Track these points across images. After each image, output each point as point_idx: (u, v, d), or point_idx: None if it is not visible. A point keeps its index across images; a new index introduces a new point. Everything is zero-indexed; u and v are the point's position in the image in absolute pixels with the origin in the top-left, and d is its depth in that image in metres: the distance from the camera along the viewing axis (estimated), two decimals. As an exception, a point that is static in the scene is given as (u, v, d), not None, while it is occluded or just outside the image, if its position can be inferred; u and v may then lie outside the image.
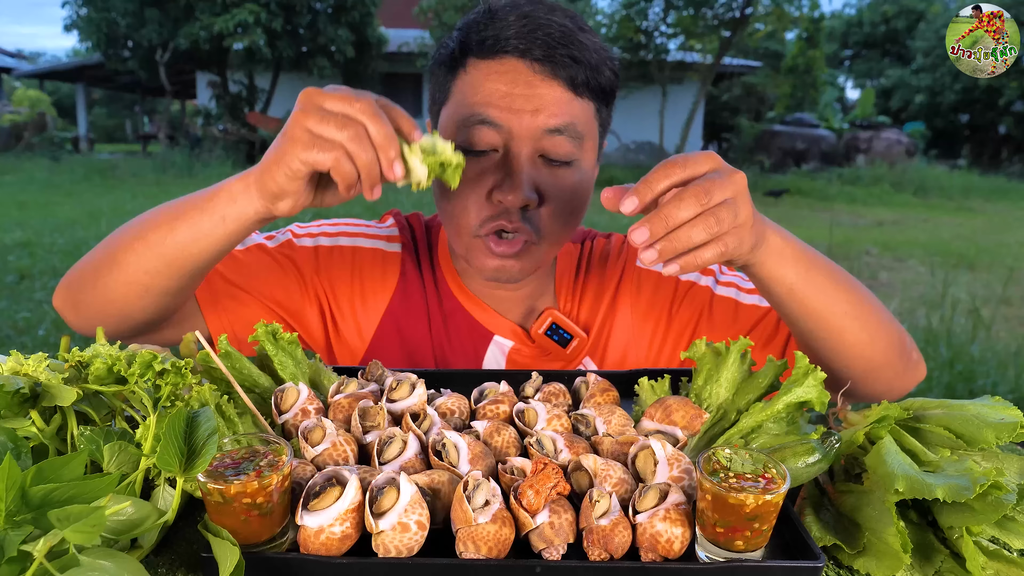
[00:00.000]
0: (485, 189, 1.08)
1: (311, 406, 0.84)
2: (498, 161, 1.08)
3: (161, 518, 0.66)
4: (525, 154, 1.07)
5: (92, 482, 0.57)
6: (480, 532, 0.65)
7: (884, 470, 0.71)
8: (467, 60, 1.10)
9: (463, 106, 1.09)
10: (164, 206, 1.01)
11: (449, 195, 1.11)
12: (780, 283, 0.96)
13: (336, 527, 0.65)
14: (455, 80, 1.12)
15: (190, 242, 0.96)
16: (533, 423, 0.85)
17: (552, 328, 1.24)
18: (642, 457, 0.76)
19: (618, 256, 1.34)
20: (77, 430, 0.72)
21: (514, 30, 1.06)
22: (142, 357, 0.72)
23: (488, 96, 1.06)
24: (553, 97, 1.06)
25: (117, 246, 1.02)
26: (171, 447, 0.64)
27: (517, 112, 1.05)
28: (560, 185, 1.10)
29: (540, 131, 1.06)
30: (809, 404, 0.82)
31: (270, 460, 0.66)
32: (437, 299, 1.28)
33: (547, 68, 1.06)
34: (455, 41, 1.12)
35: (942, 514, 0.71)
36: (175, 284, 1.01)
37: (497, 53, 1.07)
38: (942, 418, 0.82)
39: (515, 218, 1.08)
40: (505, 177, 1.06)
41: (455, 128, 1.09)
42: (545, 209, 1.10)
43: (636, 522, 0.67)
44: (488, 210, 1.09)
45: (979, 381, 4.20)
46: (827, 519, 0.76)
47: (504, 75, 1.06)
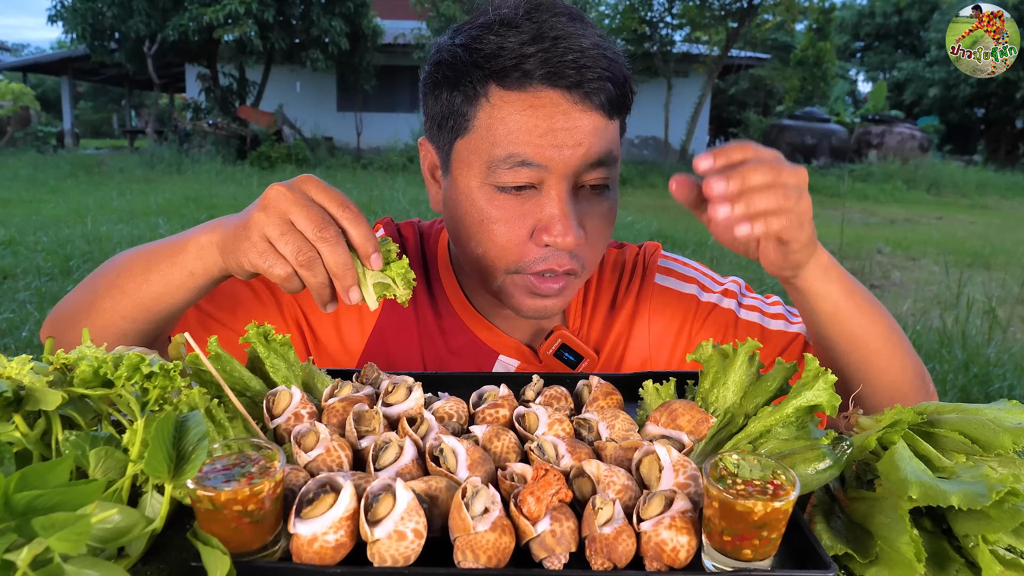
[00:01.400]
0: (527, 228, 1.05)
1: (304, 410, 0.84)
2: (540, 198, 1.05)
3: (149, 526, 0.65)
4: (566, 189, 1.04)
5: (77, 489, 0.57)
6: (479, 540, 0.65)
7: (897, 476, 0.71)
8: (488, 87, 1.04)
9: (494, 143, 1.04)
10: (140, 252, 1.06)
11: (482, 237, 1.08)
12: (826, 300, 0.97)
13: (330, 535, 0.64)
14: (476, 111, 1.05)
15: (163, 293, 1.01)
16: (534, 428, 0.85)
17: (561, 349, 1.22)
18: (646, 463, 0.75)
19: (633, 269, 1.31)
20: (62, 435, 0.72)
21: (537, 55, 1.00)
22: (129, 360, 0.72)
23: (527, 135, 1.02)
24: (592, 127, 1.03)
25: (96, 292, 1.07)
26: (159, 452, 0.64)
27: (559, 148, 1.02)
28: (599, 213, 1.09)
29: (583, 165, 1.04)
30: (820, 408, 0.82)
31: (262, 466, 0.66)
32: (434, 316, 1.25)
33: (581, 95, 1.02)
34: (467, 65, 1.05)
35: (957, 522, 0.71)
36: (152, 328, 1.05)
37: (524, 85, 1.02)
38: (957, 422, 0.82)
39: (565, 259, 1.06)
40: (552, 219, 1.04)
41: (485, 168, 1.05)
42: (589, 244, 1.08)
43: (640, 530, 0.67)
44: (534, 252, 1.06)
45: (995, 384, 4.20)
46: (838, 527, 0.76)
47: (539, 110, 1.02)
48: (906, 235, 10.40)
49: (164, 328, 1.08)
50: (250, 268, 0.90)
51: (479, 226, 1.08)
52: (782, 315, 1.26)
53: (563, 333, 1.23)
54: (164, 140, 18.12)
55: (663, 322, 1.26)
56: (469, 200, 1.08)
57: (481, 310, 1.25)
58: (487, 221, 1.07)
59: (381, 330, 1.23)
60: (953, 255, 8.71)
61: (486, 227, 1.07)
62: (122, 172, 14.43)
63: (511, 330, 1.25)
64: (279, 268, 0.87)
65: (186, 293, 1.01)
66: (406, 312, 1.24)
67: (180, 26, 16.48)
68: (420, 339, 1.24)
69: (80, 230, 7.79)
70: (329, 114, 21.55)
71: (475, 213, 1.08)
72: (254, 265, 0.89)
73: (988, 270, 8.03)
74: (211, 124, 17.89)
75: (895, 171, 17.90)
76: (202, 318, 1.18)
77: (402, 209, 10.23)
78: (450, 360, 1.23)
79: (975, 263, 8.35)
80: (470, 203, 1.08)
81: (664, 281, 1.30)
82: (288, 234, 0.85)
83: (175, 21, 16.54)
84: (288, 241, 0.85)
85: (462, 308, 1.25)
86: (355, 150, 19.64)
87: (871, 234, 10.32)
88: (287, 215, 0.86)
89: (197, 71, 20.03)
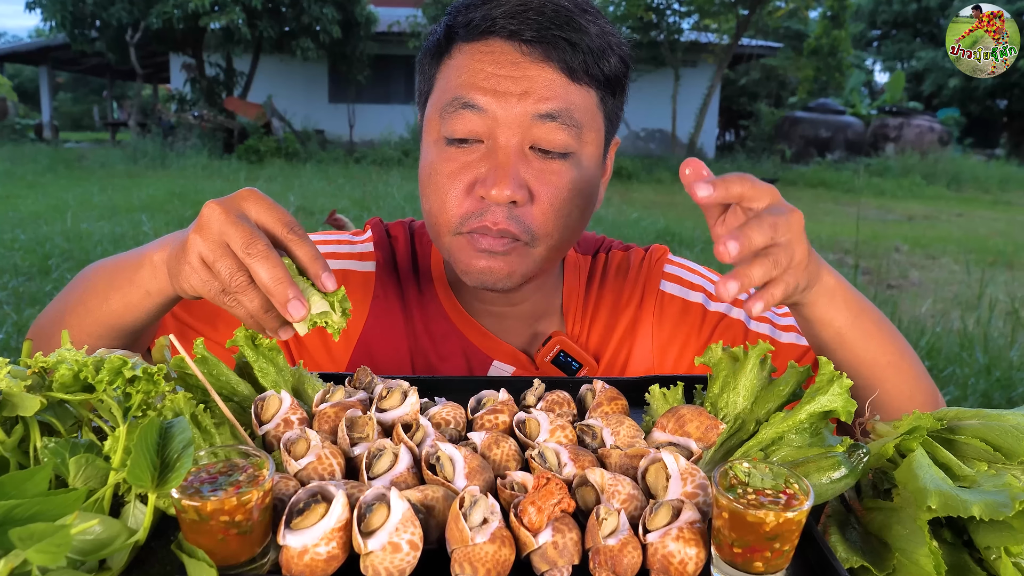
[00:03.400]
0: (467, 183, 1.06)
1: (294, 416, 0.84)
2: (483, 153, 1.06)
3: (132, 537, 0.66)
4: (513, 145, 1.05)
5: (57, 498, 0.57)
6: (478, 553, 0.65)
7: (915, 485, 0.71)
8: (453, 46, 1.10)
9: (445, 91, 1.08)
10: (105, 266, 1.06)
11: (429, 191, 1.10)
12: (829, 326, 0.97)
13: (321, 547, 0.65)
14: (440, 67, 1.12)
15: (122, 312, 1.01)
16: (535, 434, 0.85)
17: (559, 356, 1.21)
18: (653, 471, 0.76)
19: (639, 273, 1.30)
20: (40, 442, 0.72)
21: (504, 10, 1.05)
22: (111, 363, 0.72)
23: (471, 77, 1.05)
24: (544, 79, 1.04)
25: (66, 306, 1.08)
26: (142, 460, 0.64)
27: (503, 95, 1.03)
28: (555, 180, 1.07)
29: (529, 117, 1.04)
30: (834, 414, 0.82)
31: (250, 474, 0.66)
32: (423, 321, 1.24)
33: (538, 50, 1.04)
34: (442, 26, 1.12)
35: (978, 533, 0.71)
36: (118, 343, 1.06)
37: (484, 35, 1.06)
38: (978, 429, 0.82)
39: (500, 216, 1.05)
40: (490, 170, 1.04)
41: (438, 117, 1.08)
42: (537, 207, 1.07)
43: (647, 542, 0.67)
44: (470, 205, 1.07)
45: (1019, 388, 4.20)
46: (853, 539, 0.76)
47: (489, 55, 1.05)
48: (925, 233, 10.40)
49: (133, 344, 1.08)
50: (194, 294, 0.89)
51: (428, 180, 1.11)
52: (793, 327, 1.26)
53: (561, 339, 1.22)
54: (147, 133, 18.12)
55: (668, 331, 1.26)
56: (426, 155, 1.13)
57: (475, 314, 1.24)
58: (434, 174, 1.10)
59: (368, 336, 1.23)
60: (974, 254, 8.71)
61: (433, 181, 1.10)
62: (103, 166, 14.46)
63: (506, 334, 1.24)
64: (224, 297, 0.85)
65: (144, 313, 1.01)
66: (395, 317, 1.24)
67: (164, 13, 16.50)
68: (409, 344, 1.24)
69: (59, 227, 7.79)
70: (320, 106, 21.57)
71: (427, 167, 1.11)
72: (197, 292, 0.87)
73: (1011, 269, 8.04)
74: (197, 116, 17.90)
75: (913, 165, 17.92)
76: (180, 328, 1.19)
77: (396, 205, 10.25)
78: (440, 366, 1.23)
79: (997, 262, 8.35)
80: (425, 157, 1.13)
81: (670, 288, 1.29)
82: (223, 258, 0.83)
83: (159, 8, 16.56)
84: (223, 266, 0.83)
85: (455, 312, 1.24)
86: (348, 143, 19.66)
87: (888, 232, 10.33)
88: (221, 235, 0.83)
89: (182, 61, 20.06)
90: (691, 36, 20.86)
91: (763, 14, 20.63)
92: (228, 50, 18.50)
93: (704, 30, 21.08)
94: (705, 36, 21.04)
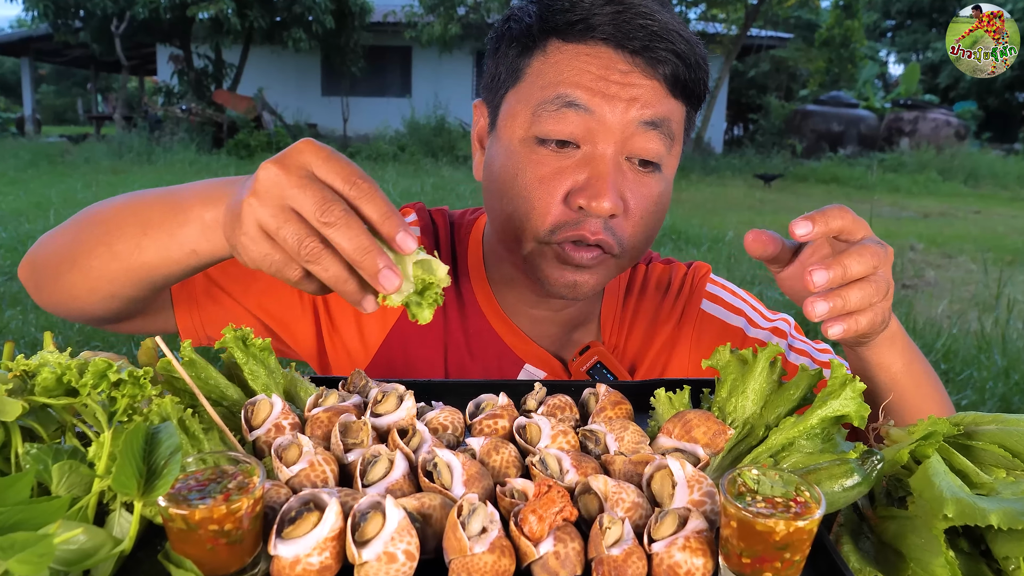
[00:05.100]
0: (562, 190, 1.06)
1: (286, 421, 0.84)
2: (579, 159, 1.06)
3: (117, 547, 0.66)
4: (611, 154, 1.05)
5: (39, 506, 0.57)
6: (476, 563, 0.65)
7: (931, 493, 0.71)
8: (548, 40, 1.08)
9: (543, 87, 1.06)
10: (132, 206, 0.98)
11: (512, 193, 1.08)
12: (886, 371, 0.99)
13: (314, 557, 0.65)
14: (530, 60, 1.09)
15: (158, 264, 0.95)
16: (536, 440, 0.85)
17: (596, 367, 1.22)
18: (658, 478, 0.76)
19: (680, 290, 1.32)
20: (22, 448, 0.72)
21: (607, 16, 1.04)
22: (95, 366, 0.72)
23: (577, 77, 1.04)
24: (650, 88, 1.05)
25: (81, 245, 1.00)
26: (128, 467, 0.64)
27: (611, 99, 1.03)
28: (646, 193, 1.09)
29: (634, 123, 1.04)
30: (847, 418, 0.82)
31: (240, 482, 0.66)
32: (460, 316, 1.24)
33: (644, 62, 1.04)
34: (533, 17, 1.10)
35: (996, 542, 0.71)
36: (142, 294, 1.01)
37: (585, 36, 1.05)
38: (996, 434, 0.82)
39: (598, 227, 1.06)
40: (590, 179, 1.04)
41: (530, 115, 1.07)
42: (629, 220, 1.08)
43: (652, 552, 0.67)
44: (566, 215, 1.06)
45: (1038, 392, 4.20)
46: (867, 548, 0.76)
47: (596, 59, 1.05)
48: (941, 230, 10.40)
49: (156, 296, 1.04)
50: (254, 267, 0.80)
51: (513, 181, 1.08)
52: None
53: (600, 350, 1.22)
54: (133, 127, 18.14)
55: (705, 351, 1.27)
56: (508, 153, 1.10)
57: (511, 314, 1.24)
58: (521, 176, 1.07)
59: (403, 325, 1.23)
60: (992, 252, 8.71)
61: (520, 183, 1.08)
62: (87, 162, 14.44)
63: (541, 338, 1.24)
64: (289, 271, 0.76)
65: (184, 269, 0.95)
66: None
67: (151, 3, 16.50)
68: (444, 338, 1.23)
69: (42, 225, 7.79)
70: (313, 99, 21.57)
71: (512, 167, 1.09)
72: (257, 265, 0.79)
73: (1030, 269, 8.03)
74: (184, 110, 17.91)
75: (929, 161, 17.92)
76: (209, 287, 1.16)
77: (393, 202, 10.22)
78: (470, 366, 1.23)
79: (1016, 261, 8.35)
80: (508, 156, 1.10)
81: (711, 309, 1.31)
82: (288, 224, 0.74)
83: (145, -3, 16.54)
84: (289, 233, 0.74)
85: (491, 310, 1.24)
86: (341, 138, 19.66)
87: (903, 229, 10.33)
88: (283, 199, 0.75)
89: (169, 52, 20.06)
90: (698, 26, 20.84)
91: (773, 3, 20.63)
92: (217, 41, 18.50)
93: (711, 20, 21.08)
94: (712, 26, 21.03)
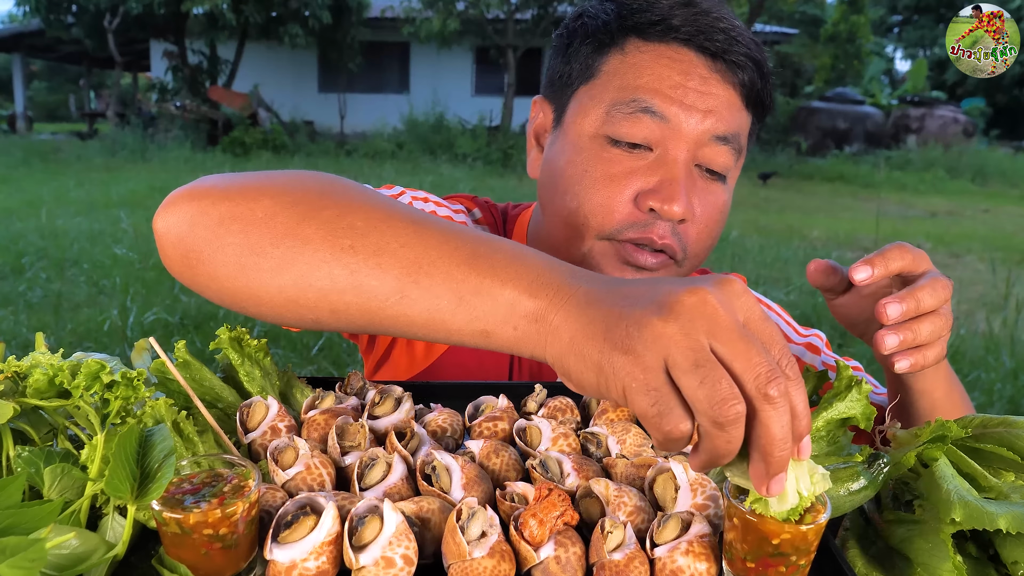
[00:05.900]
0: (632, 190, 1.06)
1: (282, 423, 0.84)
2: (652, 162, 1.06)
3: (110, 552, 0.65)
4: (683, 160, 1.06)
5: (31, 510, 0.57)
6: (475, 568, 0.65)
7: (939, 497, 0.71)
8: (627, 39, 1.08)
9: (620, 89, 1.06)
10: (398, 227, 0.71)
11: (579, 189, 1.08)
12: (929, 397, 1.01)
13: (311, 562, 0.65)
14: (606, 58, 1.09)
15: (421, 324, 0.70)
16: (536, 443, 0.85)
17: None
18: (661, 482, 0.76)
19: None
20: (14, 451, 0.72)
21: (685, 16, 1.05)
22: (88, 367, 0.72)
23: (656, 83, 1.04)
24: (726, 99, 1.06)
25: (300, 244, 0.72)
26: (121, 470, 0.64)
27: (689, 109, 1.04)
28: (712, 201, 1.10)
29: (708, 136, 1.05)
30: (853, 421, 0.82)
31: (235, 485, 0.66)
32: None
33: (724, 67, 1.06)
34: (611, 15, 1.10)
35: (1005, 547, 0.71)
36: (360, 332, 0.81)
37: (666, 37, 1.06)
38: (1005, 437, 0.82)
39: (666, 231, 1.06)
40: (662, 182, 1.05)
41: (603, 114, 1.07)
42: (695, 227, 1.09)
43: (654, 556, 0.67)
44: (634, 216, 1.06)
45: (1047, 394, 4.20)
46: (873, 553, 0.76)
47: (677, 63, 1.05)
48: (949, 229, 10.40)
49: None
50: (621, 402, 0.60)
51: (580, 177, 1.09)
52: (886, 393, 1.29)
53: None
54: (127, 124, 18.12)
55: None
56: (576, 149, 1.10)
57: None
58: (590, 173, 1.08)
59: None
60: (1001, 252, 8.71)
61: (588, 179, 1.08)
62: (80, 159, 14.44)
63: None
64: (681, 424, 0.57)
65: (451, 340, 0.71)
66: None
67: (145, -2, 16.49)
68: None
69: (34, 224, 7.79)
70: (310, 95, 21.56)
71: (580, 163, 1.09)
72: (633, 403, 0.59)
73: (1039, 268, 8.03)
74: (179, 106, 17.90)
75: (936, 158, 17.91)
76: None
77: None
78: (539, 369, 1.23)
79: (1025, 260, 8.35)
80: (576, 152, 1.10)
81: None
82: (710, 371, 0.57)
83: (139, -8, 16.55)
84: (709, 381, 0.56)
85: None
86: (338, 135, 19.66)
87: (910, 228, 10.32)
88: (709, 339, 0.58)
89: (163, 48, 20.05)
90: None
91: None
92: (212, 36, 18.50)
93: (715, 15, 21.05)
94: (716, 22, 21.01)
